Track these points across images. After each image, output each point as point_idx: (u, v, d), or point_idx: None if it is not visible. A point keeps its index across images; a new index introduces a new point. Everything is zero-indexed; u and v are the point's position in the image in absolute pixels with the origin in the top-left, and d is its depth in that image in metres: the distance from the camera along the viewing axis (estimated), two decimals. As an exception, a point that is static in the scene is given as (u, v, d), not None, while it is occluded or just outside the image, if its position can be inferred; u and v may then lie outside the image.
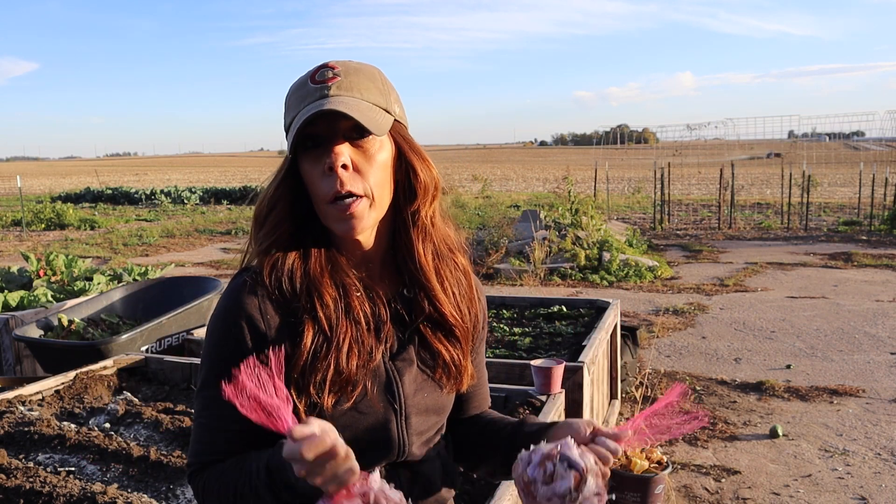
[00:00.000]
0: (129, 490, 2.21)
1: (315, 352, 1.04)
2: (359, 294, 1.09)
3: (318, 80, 1.05)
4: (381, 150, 1.07)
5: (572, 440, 1.03)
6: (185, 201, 26.74)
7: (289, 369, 1.04)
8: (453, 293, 1.16)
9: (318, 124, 1.03)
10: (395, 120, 1.10)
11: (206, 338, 1.11)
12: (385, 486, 0.92)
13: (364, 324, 1.08)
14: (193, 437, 1.12)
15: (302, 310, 1.05)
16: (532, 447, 1.04)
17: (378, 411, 1.08)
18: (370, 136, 1.05)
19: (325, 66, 1.07)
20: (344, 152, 1.03)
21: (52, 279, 5.79)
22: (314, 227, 1.10)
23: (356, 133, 1.04)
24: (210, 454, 1.08)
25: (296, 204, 1.09)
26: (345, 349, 1.04)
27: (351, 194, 1.03)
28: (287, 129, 1.08)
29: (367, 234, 1.11)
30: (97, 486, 2.14)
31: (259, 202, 1.10)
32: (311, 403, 1.04)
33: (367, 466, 1.10)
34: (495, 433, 1.25)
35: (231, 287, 1.10)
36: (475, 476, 2.09)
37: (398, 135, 1.11)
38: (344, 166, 1.03)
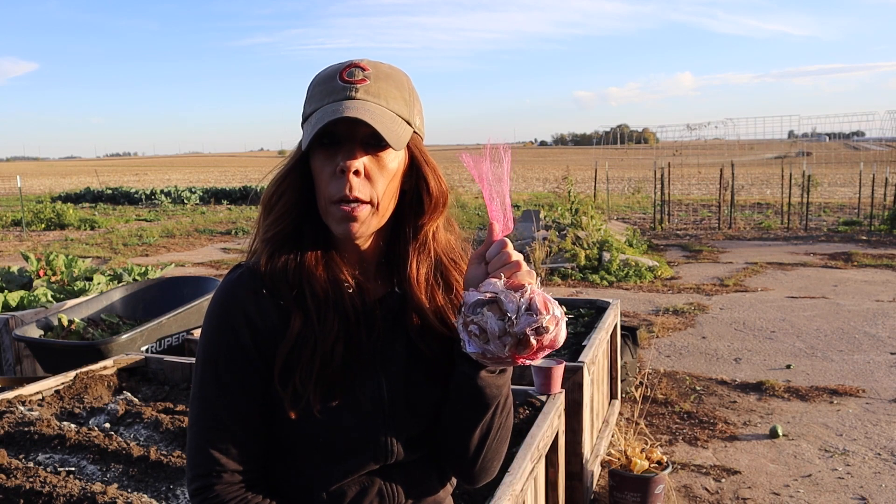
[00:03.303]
0: (129, 490, 2.21)
1: (301, 341, 1.03)
2: (350, 291, 1.09)
3: (346, 79, 1.05)
4: (394, 161, 1.07)
5: (469, 292, 1.01)
6: (185, 201, 26.73)
7: (276, 359, 1.04)
8: (446, 305, 1.15)
9: (339, 125, 1.03)
10: (414, 132, 1.10)
11: (201, 335, 1.10)
12: None
13: (353, 319, 1.07)
14: (191, 446, 1.05)
15: (293, 300, 1.05)
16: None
17: (364, 409, 1.07)
18: (387, 147, 1.05)
19: (356, 66, 1.06)
20: (359, 158, 1.03)
21: (52, 279, 5.78)
22: (315, 221, 1.10)
23: (373, 141, 1.04)
24: (213, 464, 1.04)
25: (301, 196, 1.09)
26: (330, 341, 1.04)
27: (357, 200, 1.03)
28: (305, 119, 1.08)
29: (363, 239, 1.11)
30: (97, 486, 2.14)
31: (267, 189, 1.10)
32: (296, 396, 1.03)
33: (355, 467, 1.09)
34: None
35: (225, 281, 1.09)
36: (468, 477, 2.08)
37: (415, 147, 1.11)
38: (356, 172, 1.02)
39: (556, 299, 1.01)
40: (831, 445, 4.17)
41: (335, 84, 1.05)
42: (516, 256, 1.02)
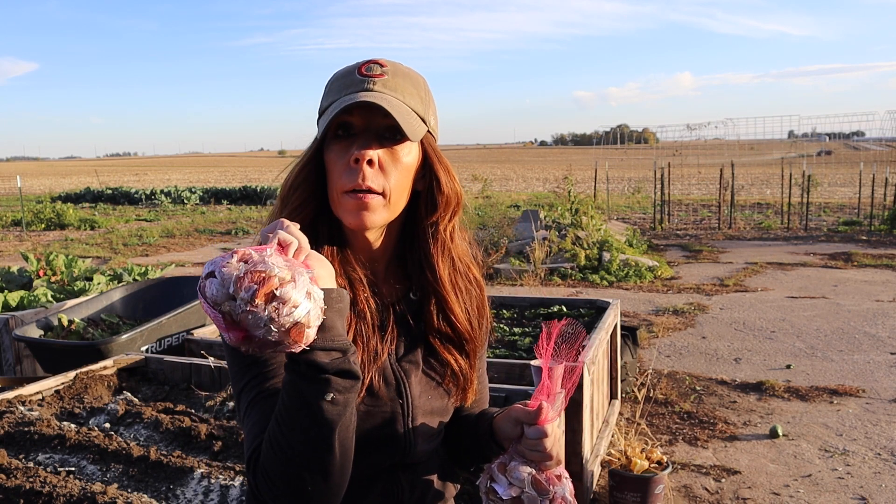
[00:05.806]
0: (129, 490, 2.21)
1: None
2: (364, 292, 1.09)
3: (365, 73, 1.06)
4: (409, 155, 1.08)
5: (496, 467, 1.10)
6: (185, 201, 26.73)
7: None
8: (466, 308, 1.16)
9: (355, 115, 1.04)
10: (428, 131, 1.11)
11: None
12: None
13: (369, 320, 1.08)
14: (247, 427, 0.99)
15: None
16: (480, 486, 1.13)
17: (386, 409, 1.08)
18: (402, 140, 1.06)
19: (374, 62, 1.07)
20: (374, 149, 1.04)
21: (52, 279, 5.79)
22: (329, 217, 1.10)
23: (389, 133, 1.05)
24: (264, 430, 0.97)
25: (316, 189, 1.09)
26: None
27: (370, 190, 1.03)
28: (321, 114, 1.08)
29: (375, 233, 1.11)
30: (97, 486, 2.15)
31: (284, 183, 1.11)
32: None
33: (373, 467, 1.10)
34: (467, 425, 1.25)
35: None
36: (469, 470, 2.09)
37: (428, 145, 1.11)
38: (370, 162, 1.03)
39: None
40: (831, 445, 4.17)
41: (353, 77, 1.06)
42: (555, 452, 1.07)
